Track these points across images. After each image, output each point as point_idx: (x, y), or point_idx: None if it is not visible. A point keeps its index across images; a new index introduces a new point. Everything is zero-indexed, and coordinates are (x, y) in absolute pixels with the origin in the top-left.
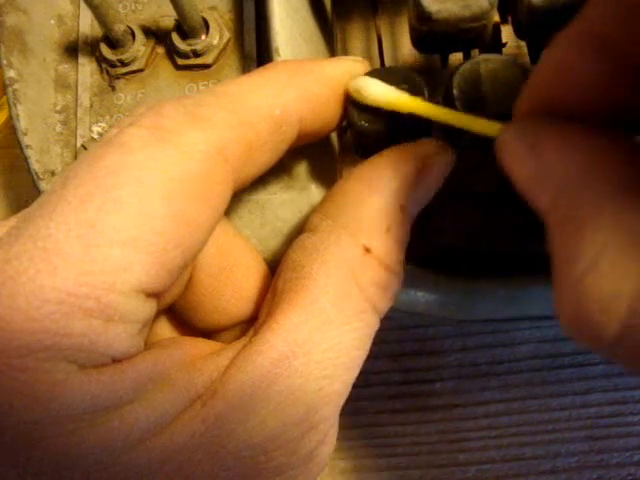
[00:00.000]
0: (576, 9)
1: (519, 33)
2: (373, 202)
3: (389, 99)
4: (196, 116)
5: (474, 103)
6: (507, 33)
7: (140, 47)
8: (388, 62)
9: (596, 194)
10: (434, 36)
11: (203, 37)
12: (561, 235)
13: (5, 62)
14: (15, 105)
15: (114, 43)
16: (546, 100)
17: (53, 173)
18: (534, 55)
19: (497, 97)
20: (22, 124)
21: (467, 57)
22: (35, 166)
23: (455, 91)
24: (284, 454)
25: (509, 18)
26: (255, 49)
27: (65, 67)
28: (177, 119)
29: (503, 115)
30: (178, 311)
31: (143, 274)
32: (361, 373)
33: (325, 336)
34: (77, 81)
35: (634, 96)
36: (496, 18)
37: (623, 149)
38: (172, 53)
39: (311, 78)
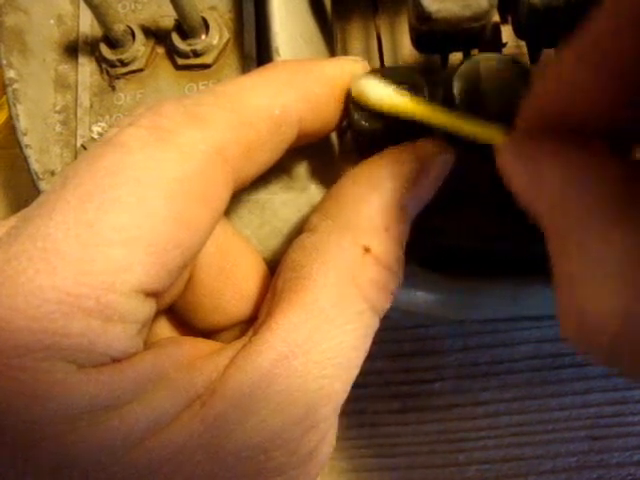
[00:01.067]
0: (575, 9)
1: (519, 33)
2: (373, 202)
3: (391, 103)
4: (195, 116)
5: (473, 102)
6: (507, 33)
7: (140, 47)
8: (388, 62)
9: (588, 212)
10: (434, 36)
11: (203, 37)
12: (557, 247)
13: (5, 62)
14: (15, 105)
15: (114, 43)
16: (546, 113)
17: (53, 173)
18: (534, 55)
19: (496, 96)
20: (22, 124)
21: (467, 57)
22: (35, 166)
23: (455, 90)
24: (284, 454)
25: (509, 18)
26: (255, 49)
27: (65, 67)
28: (176, 119)
29: (503, 114)
30: (178, 311)
31: (143, 274)
32: (361, 373)
33: (325, 336)
34: (77, 81)
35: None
36: (496, 18)
37: (620, 165)
38: (172, 53)
39: (311, 78)
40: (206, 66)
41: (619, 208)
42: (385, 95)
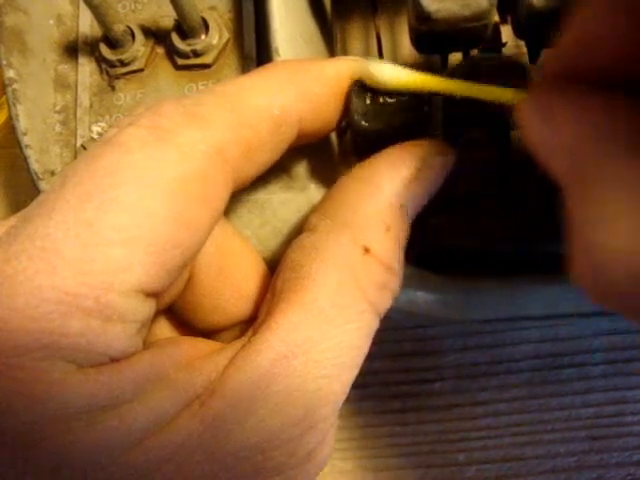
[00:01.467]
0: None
1: (518, 33)
2: (372, 202)
3: (405, 80)
4: (195, 116)
5: (473, 102)
6: (507, 33)
7: (140, 47)
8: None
9: (607, 154)
10: (434, 36)
11: (203, 37)
12: (575, 197)
13: (5, 62)
14: (15, 105)
15: (114, 43)
16: (568, 65)
17: (53, 173)
18: (533, 55)
19: None
20: (22, 124)
21: (467, 57)
22: (35, 166)
23: None
24: (283, 454)
25: (509, 18)
26: (255, 49)
27: (65, 67)
28: (176, 119)
29: (502, 114)
30: (178, 311)
31: (142, 274)
32: (361, 373)
33: (324, 336)
34: (77, 81)
35: None
36: (496, 18)
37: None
38: (172, 53)
39: (311, 78)
40: (206, 66)
41: (637, 148)
42: (396, 74)
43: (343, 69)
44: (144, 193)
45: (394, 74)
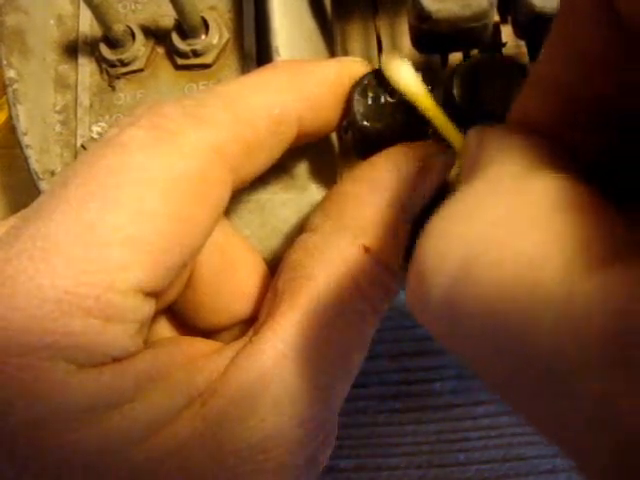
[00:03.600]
0: None
1: (518, 33)
2: (373, 202)
3: (409, 87)
4: (195, 116)
5: (473, 102)
6: (507, 33)
7: (140, 47)
8: None
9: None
10: (434, 36)
11: (203, 37)
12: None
13: (5, 62)
14: (15, 105)
15: (114, 43)
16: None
17: (53, 173)
18: (533, 55)
19: (496, 96)
20: (22, 124)
21: (467, 57)
22: (35, 166)
23: (455, 90)
24: (284, 453)
25: (509, 18)
26: (255, 49)
27: (65, 67)
28: (176, 120)
29: (502, 114)
30: (178, 311)
31: (141, 273)
32: (361, 373)
33: (325, 336)
34: (77, 81)
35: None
36: (496, 18)
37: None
38: (172, 53)
39: (310, 78)
40: (206, 66)
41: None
42: (406, 77)
43: (343, 69)
44: (144, 194)
45: (407, 79)
